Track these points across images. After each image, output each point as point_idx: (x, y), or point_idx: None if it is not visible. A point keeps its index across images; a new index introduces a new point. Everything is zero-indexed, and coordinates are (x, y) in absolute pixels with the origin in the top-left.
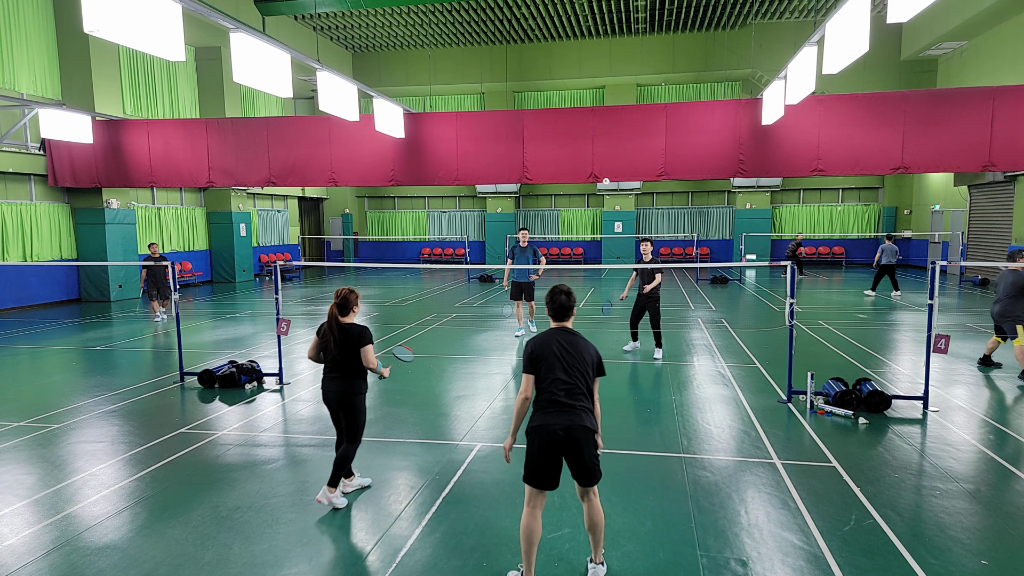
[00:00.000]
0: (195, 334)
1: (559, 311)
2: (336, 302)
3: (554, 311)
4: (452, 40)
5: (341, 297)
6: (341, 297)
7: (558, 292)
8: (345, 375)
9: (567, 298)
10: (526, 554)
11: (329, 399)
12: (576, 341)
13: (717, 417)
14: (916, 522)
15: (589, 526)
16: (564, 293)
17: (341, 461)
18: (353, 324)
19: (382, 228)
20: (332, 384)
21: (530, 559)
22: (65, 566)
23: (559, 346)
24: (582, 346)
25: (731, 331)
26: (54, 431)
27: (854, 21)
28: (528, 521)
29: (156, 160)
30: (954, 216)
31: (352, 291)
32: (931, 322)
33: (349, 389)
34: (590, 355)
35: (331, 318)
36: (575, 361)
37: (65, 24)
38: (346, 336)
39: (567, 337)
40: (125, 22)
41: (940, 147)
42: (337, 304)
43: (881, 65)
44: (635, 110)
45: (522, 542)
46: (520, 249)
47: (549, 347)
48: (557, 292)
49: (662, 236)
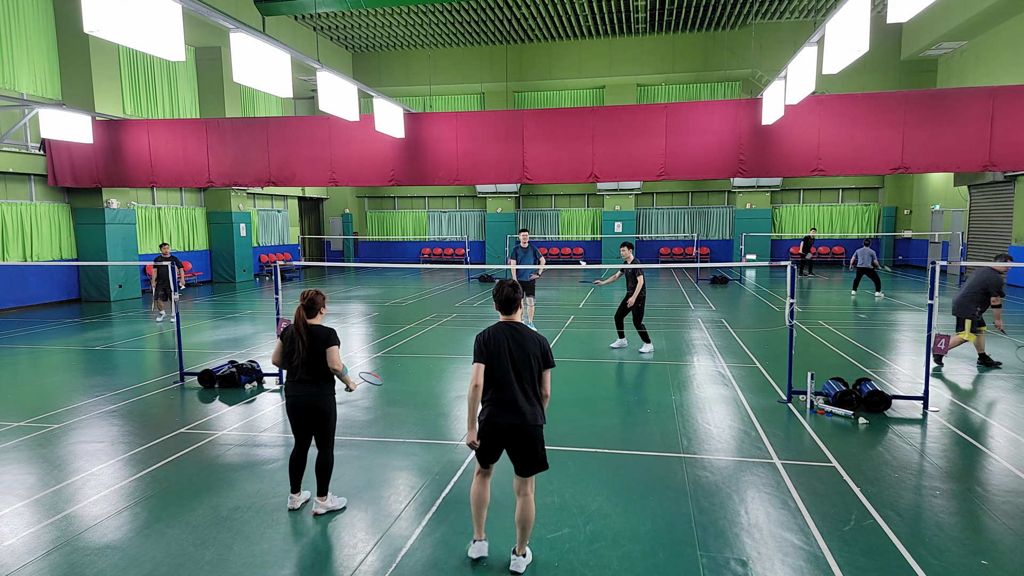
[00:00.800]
0: (195, 334)
1: (505, 304)
2: (303, 304)
3: (501, 304)
4: (452, 40)
5: (308, 299)
6: (308, 299)
7: (504, 285)
8: (314, 379)
9: (513, 291)
10: (476, 518)
11: (299, 405)
12: (524, 335)
13: (717, 417)
14: (916, 522)
15: (519, 519)
16: (510, 286)
17: (323, 470)
18: (320, 326)
19: (382, 228)
20: (301, 388)
21: (479, 522)
22: (65, 566)
23: (509, 340)
24: (529, 340)
25: (731, 331)
26: (54, 431)
27: (854, 21)
28: (478, 489)
29: (156, 160)
30: (954, 216)
31: (319, 292)
32: (931, 322)
33: (319, 392)
34: (536, 348)
35: (298, 320)
36: (523, 355)
37: (65, 24)
38: (314, 338)
39: (515, 331)
40: (125, 22)
41: (940, 147)
42: (304, 306)
43: (881, 65)
44: (635, 110)
45: (472, 507)
46: (522, 250)
47: (501, 341)
48: (503, 285)
49: (662, 236)
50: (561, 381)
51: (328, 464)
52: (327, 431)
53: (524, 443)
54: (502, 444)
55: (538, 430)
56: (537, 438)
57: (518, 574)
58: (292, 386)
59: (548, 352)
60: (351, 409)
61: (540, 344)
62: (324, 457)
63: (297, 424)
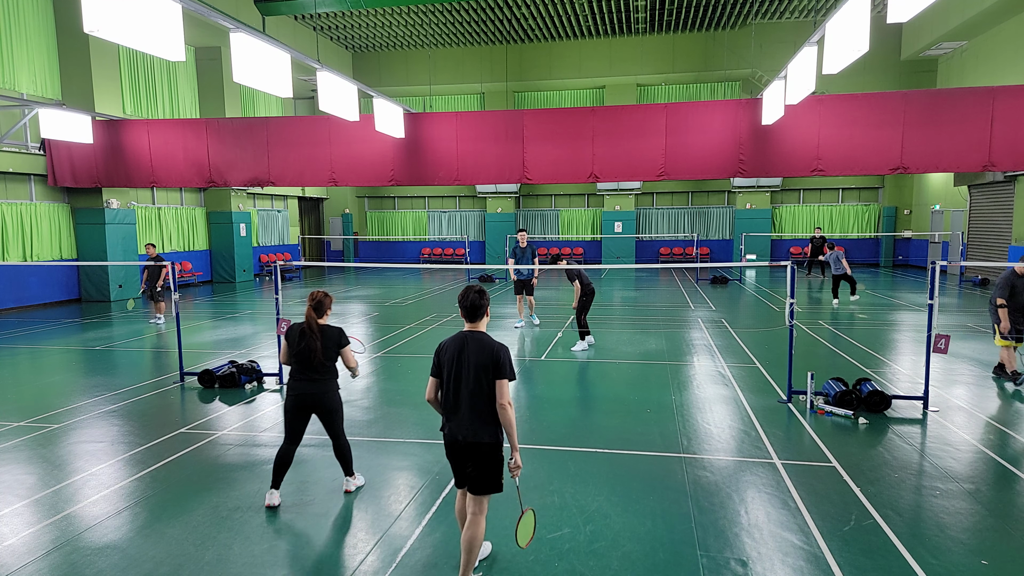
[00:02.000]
0: (195, 334)
1: (470, 311)
2: (312, 304)
3: (466, 311)
4: (452, 40)
5: (316, 300)
6: (316, 300)
7: (470, 291)
8: (323, 376)
9: (479, 297)
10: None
11: (306, 402)
12: (474, 344)
13: (717, 417)
14: (916, 522)
15: (463, 540)
16: (476, 292)
17: (343, 456)
18: (330, 326)
19: (382, 228)
20: (310, 386)
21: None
22: (65, 566)
23: (462, 351)
24: (478, 350)
25: (731, 331)
26: (54, 431)
27: (854, 21)
28: (460, 505)
29: (156, 160)
30: (954, 216)
31: (327, 294)
32: (931, 322)
33: (327, 388)
34: (488, 359)
35: (310, 320)
36: (473, 367)
37: (65, 24)
38: (326, 337)
39: (470, 341)
40: (125, 22)
41: (940, 147)
42: (313, 307)
43: (881, 65)
44: (635, 110)
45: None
46: (520, 250)
47: (452, 352)
48: (469, 291)
49: (662, 236)
50: (561, 381)
51: (345, 450)
52: (336, 422)
53: (467, 460)
54: (452, 459)
55: (483, 448)
56: (483, 456)
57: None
58: (299, 384)
59: (501, 363)
60: (351, 409)
61: (493, 354)
62: (340, 445)
63: (297, 420)
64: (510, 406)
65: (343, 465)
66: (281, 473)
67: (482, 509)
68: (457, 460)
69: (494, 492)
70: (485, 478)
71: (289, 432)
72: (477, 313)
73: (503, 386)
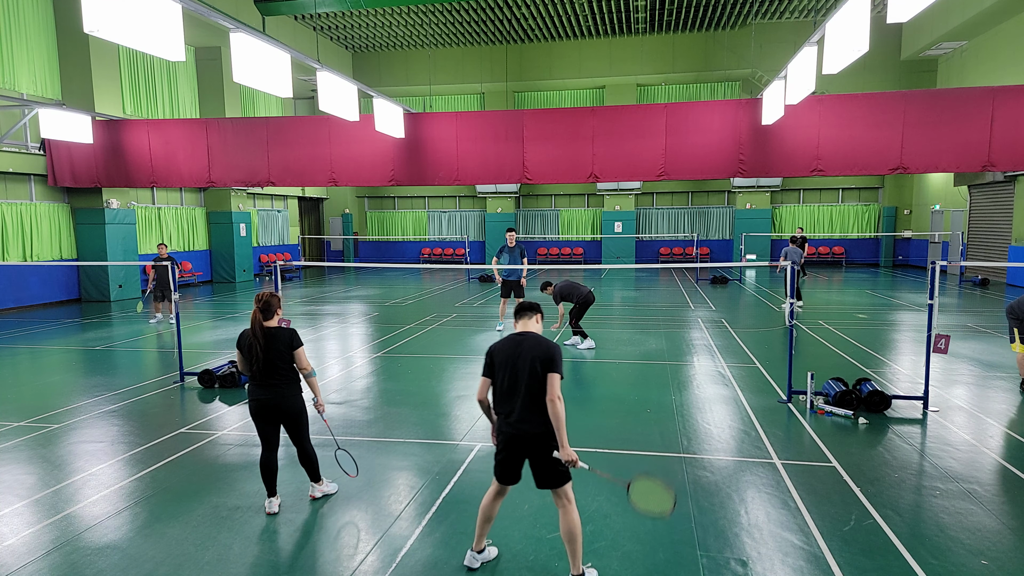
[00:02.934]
0: (195, 334)
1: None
2: (259, 307)
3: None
4: (452, 40)
5: (263, 301)
6: (263, 301)
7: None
8: (278, 381)
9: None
10: (478, 527)
11: (267, 408)
12: (527, 342)
13: (717, 417)
14: (916, 522)
15: (562, 533)
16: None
17: (307, 462)
18: (280, 328)
19: (382, 228)
20: (267, 392)
21: (481, 533)
22: (65, 566)
23: (513, 349)
24: (531, 347)
25: (731, 331)
26: (54, 431)
27: (854, 21)
28: (487, 502)
29: (156, 160)
30: (954, 216)
31: (273, 294)
32: (931, 322)
33: (287, 392)
34: (538, 353)
35: (254, 323)
36: (522, 364)
37: (65, 24)
38: (274, 340)
39: (520, 339)
40: (125, 22)
41: (940, 147)
42: (260, 308)
43: (881, 65)
44: (635, 110)
45: (478, 515)
46: (508, 249)
47: (508, 351)
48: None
49: (662, 236)
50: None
51: (310, 455)
52: (300, 428)
53: (531, 454)
54: (510, 454)
55: (543, 440)
56: (544, 448)
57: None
58: (257, 389)
59: (554, 357)
60: (351, 409)
61: (547, 350)
62: (304, 451)
63: (263, 427)
64: (560, 400)
65: (309, 471)
66: (271, 480)
67: (569, 498)
68: (517, 455)
69: (566, 481)
70: (554, 470)
71: (262, 440)
72: (528, 312)
73: (554, 380)
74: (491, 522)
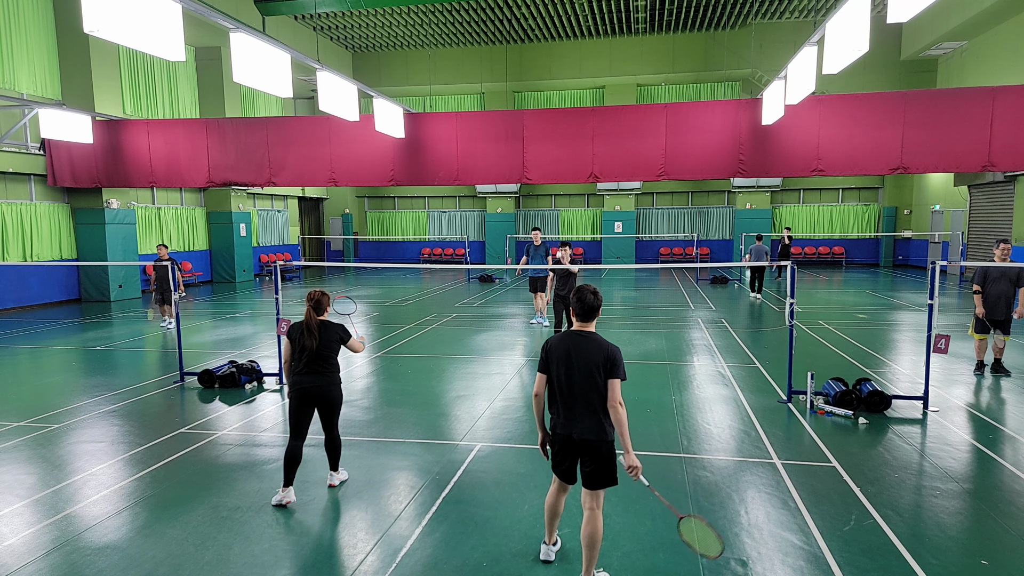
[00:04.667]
0: (195, 334)
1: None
2: (311, 304)
3: (582, 311)
4: (452, 40)
5: (315, 300)
6: (315, 300)
7: (585, 290)
8: (327, 370)
9: (594, 298)
10: (548, 523)
11: (313, 395)
12: (586, 343)
13: (717, 417)
14: (916, 522)
15: (583, 536)
16: (591, 292)
17: (334, 449)
18: (331, 322)
19: (382, 228)
20: (315, 380)
21: (550, 528)
22: (65, 566)
23: (570, 348)
24: (591, 349)
25: (731, 331)
26: (54, 431)
27: (854, 21)
28: (550, 500)
29: (156, 160)
30: (954, 216)
31: (324, 292)
32: (931, 322)
33: (330, 382)
34: (600, 357)
35: (310, 318)
36: (582, 365)
37: (65, 24)
38: (328, 332)
39: (578, 339)
40: (125, 22)
41: (940, 147)
42: (312, 306)
43: (881, 65)
44: (635, 110)
45: (545, 512)
46: (534, 248)
47: (560, 349)
48: (584, 290)
49: (662, 236)
50: None
51: (336, 443)
52: (334, 416)
53: (581, 456)
54: (564, 455)
55: (597, 444)
56: (597, 452)
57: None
58: (305, 378)
59: (617, 362)
60: (351, 409)
61: (608, 354)
62: (332, 438)
63: (299, 415)
64: (622, 406)
65: (332, 459)
66: (292, 470)
67: (599, 503)
68: (568, 456)
69: (610, 485)
70: (601, 472)
71: (294, 427)
72: (592, 314)
73: (615, 386)
74: (558, 517)
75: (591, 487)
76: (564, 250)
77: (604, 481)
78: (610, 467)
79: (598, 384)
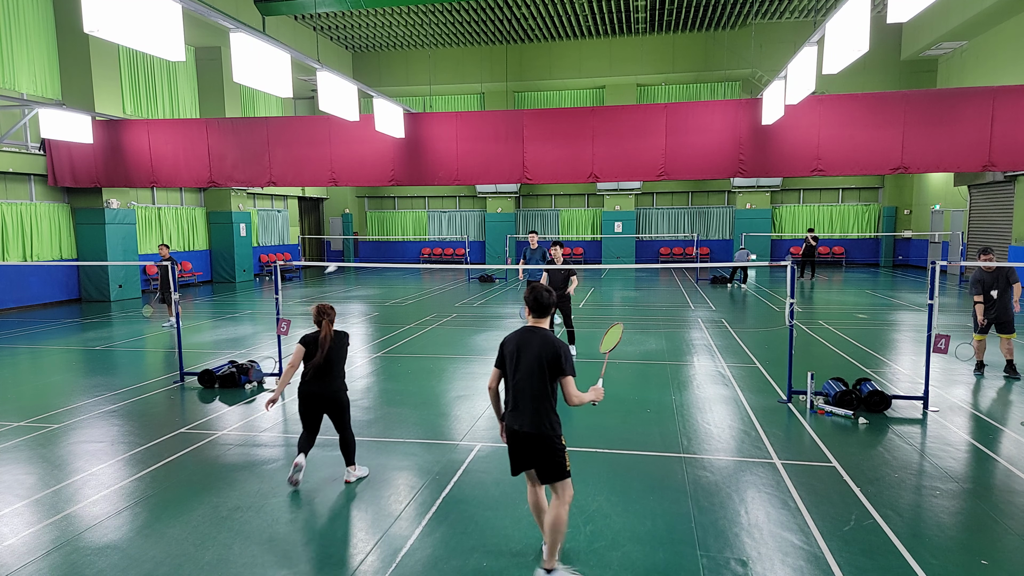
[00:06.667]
0: (195, 334)
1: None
2: (330, 317)
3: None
4: (452, 40)
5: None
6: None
7: (539, 289)
8: (336, 375)
9: (548, 296)
10: (538, 522)
11: (323, 399)
12: (536, 339)
13: (717, 417)
14: (916, 522)
15: (547, 524)
16: (546, 291)
17: (347, 447)
18: (338, 331)
19: (382, 228)
20: (324, 385)
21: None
22: (65, 566)
23: (519, 343)
24: (539, 344)
25: (731, 331)
26: (54, 431)
27: (854, 21)
28: (530, 498)
29: (156, 160)
30: (954, 216)
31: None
32: (931, 322)
33: (339, 386)
34: (546, 353)
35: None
36: (529, 360)
37: (65, 24)
38: (338, 340)
39: (530, 335)
40: (125, 22)
41: (940, 147)
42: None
43: (881, 65)
44: (635, 110)
45: (532, 513)
46: (531, 251)
47: (511, 344)
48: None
49: (662, 236)
50: None
51: (350, 442)
52: (344, 417)
53: (528, 450)
54: (514, 448)
55: (542, 439)
56: (543, 447)
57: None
58: (313, 384)
59: (563, 359)
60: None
61: (555, 350)
62: (346, 437)
63: (310, 417)
64: (580, 402)
65: (346, 456)
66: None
67: (562, 497)
68: (516, 450)
69: (560, 479)
70: (550, 467)
71: (306, 425)
72: (546, 311)
73: (570, 382)
74: (544, 512)
75: (543, 481)
76: (555, 249)
77: (553, 475)
78: (556, 460)
79: (544, 378)
